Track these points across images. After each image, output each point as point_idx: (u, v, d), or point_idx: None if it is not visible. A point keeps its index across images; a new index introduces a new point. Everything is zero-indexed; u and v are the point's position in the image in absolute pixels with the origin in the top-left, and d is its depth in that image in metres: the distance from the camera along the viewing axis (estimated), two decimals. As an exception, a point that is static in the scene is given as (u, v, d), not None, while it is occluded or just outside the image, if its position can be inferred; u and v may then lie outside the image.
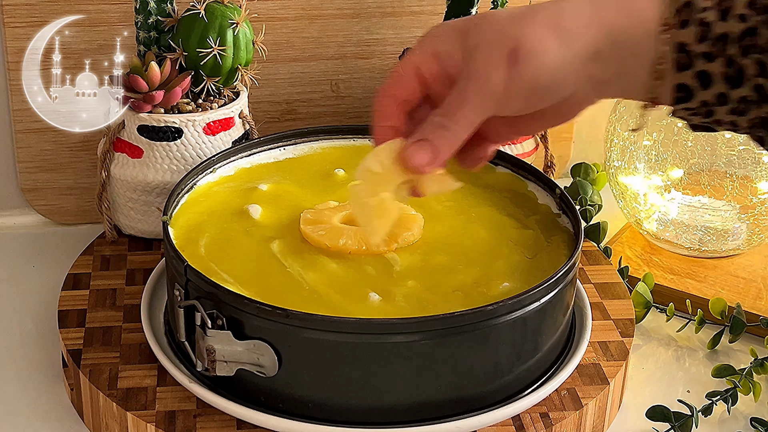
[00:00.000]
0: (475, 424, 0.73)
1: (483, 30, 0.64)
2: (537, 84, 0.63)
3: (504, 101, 0.64)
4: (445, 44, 0.66)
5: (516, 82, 0.63)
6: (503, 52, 0.63)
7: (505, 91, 0.63)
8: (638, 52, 0.62)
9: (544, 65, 0.63)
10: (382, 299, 0.75)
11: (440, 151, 0.66)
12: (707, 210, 0.99)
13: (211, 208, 0.85)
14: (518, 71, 0.62)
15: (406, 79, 0.67)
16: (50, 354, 0.86)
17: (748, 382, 0.84)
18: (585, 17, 0.63)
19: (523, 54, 0.62)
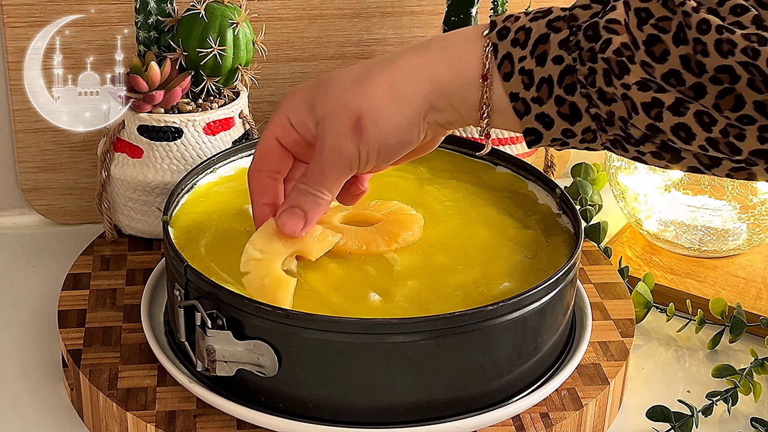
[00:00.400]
0: (475, 424, 0.73)
1: (327, 100, 0.69)
2: (385, 146, 0.68)
3: (360, 164, 0.69)
4: (297, 115, 0.71)
5: (366, 148, 0.68)
6: (348, 125, 0.68)
7: (359, 157, 0.69)
8: (466, 99, 0.67)
9: (387, 130, 0.68)
10: (382, 299, 0.75)
11: (310, 216, 0.73)
12: (707, 210, 0.99)
13: (211, 208, 0.85)
14: (365, 140, 0.68)
15: (271, 152, 0.73)
16: (50, 354, 0.86)
17: (748, 382, 0.84)
18: (416, 74, 0.68)
19: (365, 124, 0.68)
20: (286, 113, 0.72)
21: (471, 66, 0.67)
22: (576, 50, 0.64)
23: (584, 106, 0.64)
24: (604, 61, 0.62)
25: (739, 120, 0.59)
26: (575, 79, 0.64)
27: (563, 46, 0.64)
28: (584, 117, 0.65)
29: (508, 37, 0.66)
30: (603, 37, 0.62)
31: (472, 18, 1.00)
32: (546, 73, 0.65)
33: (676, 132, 0.61)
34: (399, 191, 0.88)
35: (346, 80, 0.69)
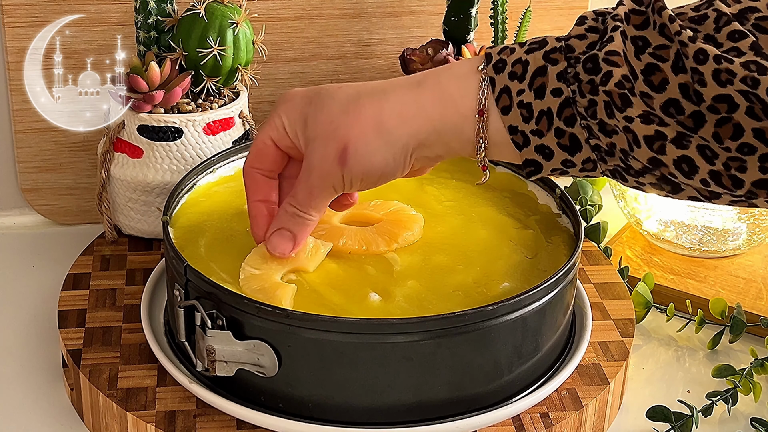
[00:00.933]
0: (475, 424, 0.73)
1: (318, 121, 0.70)
2: (368, 176, 0.69)
3: (345, 188, 0.71)
4: (291, 124, 0.72)
5: (348, 177, 0.70)
6: (334, 153, 0.69)
7: (343, 182, 0.70)
8: (460, 134, 0.67)
9: (371, 164, 0.69)
10: (382, 299, 0.75)
11: (299, 238, 0.75)
12: (707, 210, 0.99)
13: (211, 208, 0.85)
14: (349, 169, 0.69)
15: (266, 151, 0.74)
16: (50, 354, 0.86)
17: (749, 382, 0.83)
18: (405, 113, 0.68)
19: (350, 156, 0.68)
20: (282, 118, 0.72)
21: (466, 102, 0.67)
22: (575, 82, 0.63)
23: (584, 137, 0.64)
24: (606, 94, 0.62)
25: (740, 150, 0.59)
26: (575, 111, 0.64)
27: (562, 78, 0.64)
28: (584, 148, 0.65)
29: (505, 70, 0.66)
30: (603, 70, 0.62)
31: (471, 18, 1.00)
32: (545, 105, 0.64)
33: (678, 165, 0.61)
34: (399, 191, 0.88)
35: (337, 103, 0.70)
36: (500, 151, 0.68)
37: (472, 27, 1.01)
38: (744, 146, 0.58)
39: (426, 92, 0.68)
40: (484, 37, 1.04)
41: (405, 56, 1.00)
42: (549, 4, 1.10)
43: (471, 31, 1.01)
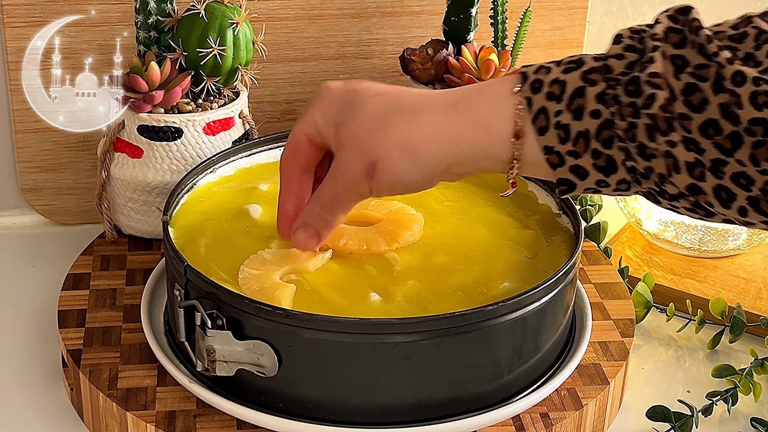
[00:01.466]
0: (475, 424, 0.73)
1: (348, 132, 0.70)
2: (395, 191, 0.70)
3: (372, 196, 0.71)
4: (324, 125, 0.72)
5: (376, 189, 0.70)
6: (362, 167, 0.69)
7: (370, 192, 0.71)
8: (492, 157, 0.67)
9: (398, 181, 0.69)
10: (383, 299, 0.75)
11: (323, 234, 0.75)
12: (707, 210, 0.99)
13: (211, 208, 0.85)
14: (377, 183, 0.69)
15: (301, 147, 0.74)
16: (50, 354, 0.86)
17: (748, 382, 0.83)
18: (438, 138, 0.68)
19: (378, 171, 0.69)
20: (316, 116, 0.72)
21: (501, 126, 0.66)
22: (615, 105, 0.63)
23: (621, 159, 0.64)
24: (649, 117, 0.61)
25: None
26: (613, 133, 0.63)
27: (600, 100, 0.63)
28: (620, 169, 0.64)
29: (542, 90, 0.65)
30: (646, 92, 0.61)
31: (471, 18, 1.00)
32: (583, 127, 0.64)
33: (717, 193, 0.61)
34: (399, 191, 0.88)
35: (368, 117, 0.69)
36: (533, 170, 0.67)
37: (472, 27, 1.01)
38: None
39: (458, 116, 0.67)
40: (484, 37, 1.04)
41: (405, 56, 1.00)
42: (549, 4, 1.10)
43: (471, 31, 1.01)
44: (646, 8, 1.15)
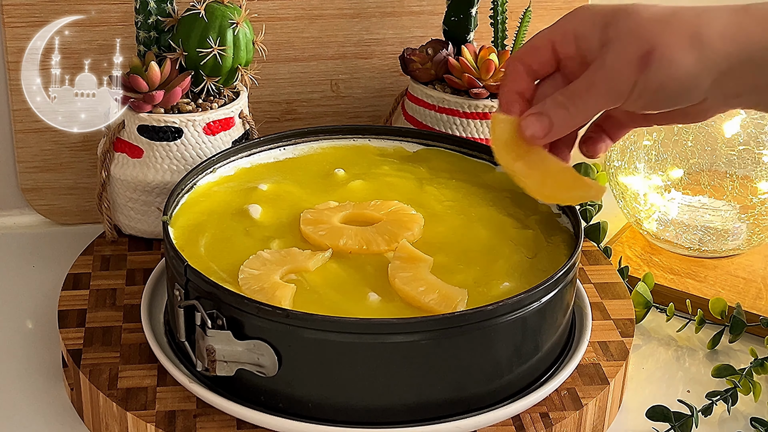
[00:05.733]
0: (475, 424, 0.73)
1: (623, 24, 0.65)
2: (663, 91, 0.64)
3: (628, 99, 0.65)
4: (585, 28, 0.67)
5: (642, 85, 0.64)
6: (637, 53, 0.64)
7: (631, 91, 0.65)
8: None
9: (673, 76, 0.64)
10: (382, 299, 0.75)
11: (555, 128, 0.69)
12: (707, 210, 0.99)
13: (211, 208, 0.85)
14: (646, 75, 0.64)
15: (541, 51, 0.70)
16: (50, 354, 0.86)
17: (748, 382, 0.84)
18: (727, 30, 0.64)
19: (655, 60, 0.64)
20: (573, 23, 0.68)
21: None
22: None
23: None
24: None
25: None
26: None
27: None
28: None
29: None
30: None
31: (471, 18, 1.00)
32: None
33: None
34: (399, 191, 0.88)
35: (649, 12, 0.66)
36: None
37: (472, 27, 1.01)
38: None
39: (751, 19, 0.64)
40: (484, 37, 1.04)
41: (405, 56, 1.00)
42: (549, 4, 1.10)
43: (471, 31, 1.01)
44: (646, 8, 1.15)
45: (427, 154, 0.94)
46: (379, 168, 0.91)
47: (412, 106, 1.01)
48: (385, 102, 1.09)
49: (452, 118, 0.98)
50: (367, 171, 0.91)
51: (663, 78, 0.64)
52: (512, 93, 0.72)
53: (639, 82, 0.64)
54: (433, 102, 0.99)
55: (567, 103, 0.68)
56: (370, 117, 1.10)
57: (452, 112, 0.98)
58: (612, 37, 0.66)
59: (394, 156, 0.93)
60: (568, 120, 0.68)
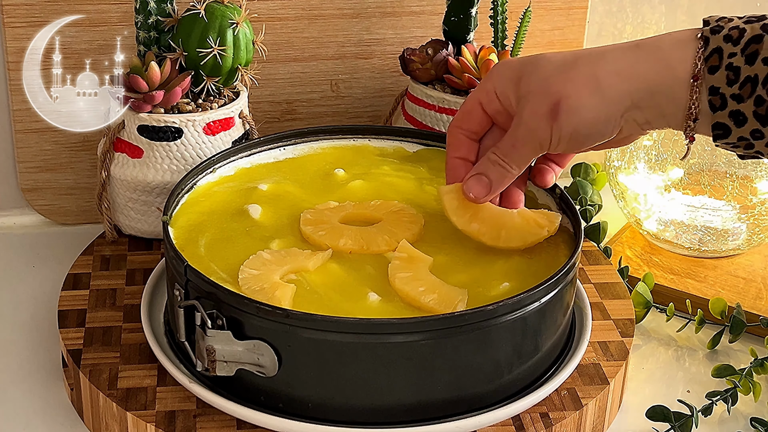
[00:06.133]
0: (475, 424, 0.73)
1: (533, 78, 0.72)
2: (577, 135, 0.70)
3: (551, 145, 0.72)
4: (503, 85, 0.74)
5: (558, 133, 0.71)
6: (546, 107, 0.70)
7: (551, 140, 0.71)
8: (674, 99, 0.68)
9: (582, 121, 0.70)
10: (382, 299, 0.75)
11: (494, 185, 0.76)
12: (707, 210, 0.99)
13: (211, 208, 0.85)
14: (559, 125, 0.70)
15: (473, 113, 0.77)
16: (50, 354, 0.86)
17: (748, 382, 0.84)
18: (623, 72, 0.69)
19: (562, 110, 0.70)
20: (492, 82, 0.75)
21: (683, 66, 0.68)
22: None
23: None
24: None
25: None
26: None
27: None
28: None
29: (721, 33, 0.67)
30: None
31: (471, 18, 1.00)
32: (753, 72, 0.66)
33: None
34: (399, 191, 0.88)
35: (552, 64, 0.71)
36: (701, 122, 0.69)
37: (472, 27, 1.01)
38: None
39: (644, 54, 0.69)
40: (484, 37, 1.04)
41: (405, 56, 1.00)
42: (549, 4, 1.10)
43: (471, 31, 1.01)
44: (645, 8, 1.16)
45: (427, 154, 0.94)
46: (379, 168, 0.91)
47: (412, 106, 1.01)
48: (385, 102, 1.09)
49: (452, 118, 0.98)
50: (367, 171, 0.91)
51: (574, 125, 0.70)
52: (455, 160, 0.79)
53: (554, 131, 0.70)
54: (433, 102, 0.99)
55: (500, 161, 0.75)
56: (370, 117, 1.10)
57: (452, 112, 0.98)
58: (524, 92, 0.72)
59: (394, 156, 0.93)
60: (504, 175, 0.76)
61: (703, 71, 0.67)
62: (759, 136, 0.67)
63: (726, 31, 0.67)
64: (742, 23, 0.68)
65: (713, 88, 0.67)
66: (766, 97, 0.66)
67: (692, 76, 0.68)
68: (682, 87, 0.68)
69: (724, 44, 0.67)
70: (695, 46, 0.68)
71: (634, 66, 0.69)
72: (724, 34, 0.67)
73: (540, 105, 0.71)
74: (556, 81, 0.70)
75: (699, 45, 0.68)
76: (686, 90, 0.68)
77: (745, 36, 0.67)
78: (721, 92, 0.67)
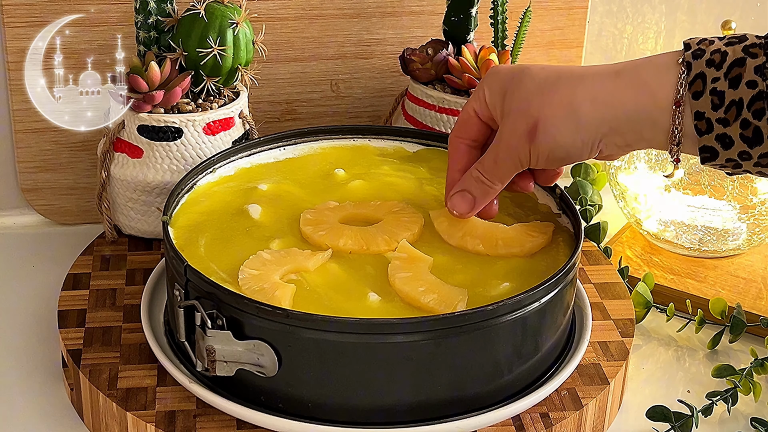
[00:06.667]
0: (475, 424, 0.73)
1: (516, 96, 0.73)
2: (554, 156, 0.72)
3: (531, 163, 0.73)
4: (492, 97, 0.75)
5: (535, 153, 0.72)
6: (524, 128, 0.72)
7: (529, 158, 0.73)
8: (654, 124, 0.69)
9: (558, 144, 0.71)
10: (382, 299, 0.75)
11: (478, 201, 0.77)
12: (707, 210, 0.99)
13: (211, 208, 0.85)
14: (536, 146, 0.71)
15: (469, 122, 0.78)
16: (50, 354, 0.86)
17: (748, 382, 0.84)
18: (599, 99, 0.70)
19: (539, 133, 0.71)
20: (485, 91, 0.76)
21: (663, 93, 0.68)
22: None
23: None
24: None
25: None
26: (765, 105, 0.65)
27: (759, 72, 0.66)
28: (765, 142, 0.66)
29: (703, 57, 0.67)
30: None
31: (471, 18, 1.00)
32: (737, 96, 0.66)
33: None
34: (399, 191, 0.88)
35: (535, 83, 0.72)
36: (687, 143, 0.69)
37: (472, 27, 1.01)
38: None
39: (623, 81, 0.70)
40: (484, 37, 1.04)
41: (405, 56, 1.00)
42: (549, 4, 1.10)
43: (471, 31, 1.01)
44: (646, 8, 1.15)
45: (427, 154, 0.93)
46: (379, 168, 0.91)
47: (412, 106, 1.01)
48: (385, 102, 1.09)
49: (452, 118, 0.98)
50: (367, 171, 0.91)
51: (550, 146, 0.71)
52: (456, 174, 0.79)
53: (532, 151, 0.72)
54: (433, 102, 0.99)
55: (482, 178, 0.76)
56: (370, 117, 1.10)
57: (452, 112, 0.98)
58: (506, 110, 0.73)
59: (394, 156, 0.93)
60: (487, 191, 0.77)
61: (686, 97, 0.68)
62: (747, 157, 0.67)
63: (708, 56, 0.67)
64: (723, 45, 0.68)
65: (698, 113, 0.67)
66: (752, 120, 0.66)
67: (674, 102, 0.68)
68: (662, 113, 0.68)
69: (707, 69, 0.67)
70: (677, 72, 0.68)
71: (612, 93, 0.69)
72: (707, 59, 0.67)
73: (519, 125, 0.72)
74: (535, 102, 0.71)
75: (681, 70, 0.68)
76: (667, 116, 0.68)
77: (728, 59, 0.67)
78: (707, 117, 0.67)
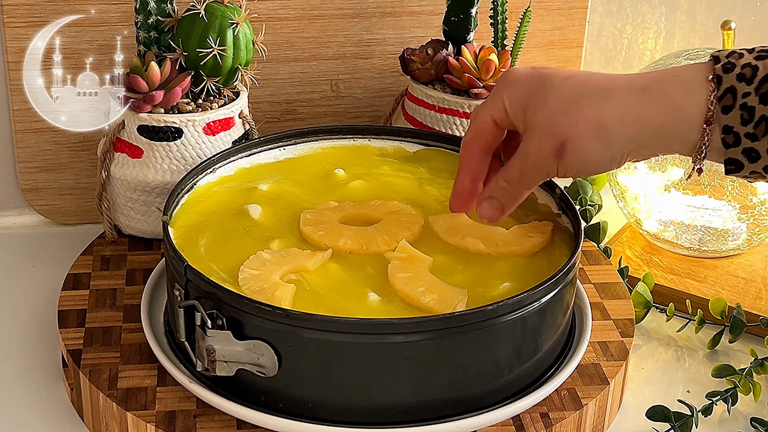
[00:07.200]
0: (475, 424, 0.73)
1: (538, 114, 0.72)
2: (583, 171, 0.72)
3: (559, 176, 0.73)
4: (512, 106, 0.74)
5: (564, 169, 0.72)
6: (552, 147, 0.71)
7: (557, 172, 0.72)
8: (683, 139, 0.69)
9: (587, 162, 0.71)
10: (382, 299, 0.75)
11: (507, 207, 0.77)
12: (707, 210, 0.99)
13: (211, 208, 0.85)
14: (564, 164, 0.71)
15: (486, 129, 0.77)
16: (50, 354, 0.86)
17: (748, 382, 0.84)
18: (628, 118, 0.69)
19: (568, 152, 0.70)
20: (504, 100, 0.74)
21: (693, 110, 0.68)
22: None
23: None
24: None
25: None
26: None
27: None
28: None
29: (734, 71, 0.67)
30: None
31: (471, 18, 1.00)
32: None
33: None
34: (399, 191, 0.88)
35: (558, 100, 0.71)
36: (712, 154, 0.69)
37: (472, 27, 1.01)
38: None
39: (650, 98, 0.69)
40: (484, 37, 1.04)
41: (405, 56, 1.01)
42: (549, 4, 1.10)
43: (471, 31, 1.01)
44: (646, 8, 1.16)
45: (427, 154, 0.94)
46: (379, 168, 0.91)
47: (412, 106, 1.01)
48: (385, 102, 1.09)
49: (452, 118, 0.98)
50: (367, 171, 0.91)
51: (579, 164, 0.71)
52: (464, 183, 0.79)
53: (560, 167, 0.72)
54: (433, 102, 0.99)
55: (509, 188, 0.76)
56: (370, 117, 1.10)
57: (452, 112, 0.98)
58: (530, 123, 0.72)
59: (394, 156, 0.94)
60: (515, 198, 0.76)
61: (716, 112, 0.67)
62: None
63: (739, 70, 0.67)
64: (753, 59, 0.67)
65: (727, 127, 0.67)
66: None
67: (705, 120, 0.68)
68: (692, 130, 0.68)
69: (738, 84, 0.67)
70: (707, 89, 0.68)
71: (640, 111, 0.69)
72: (737, 73, 0.67)
73: (545, 144, 0.71)
74: (561, 122, 0.70)
75: (711, 87, 0.67)
76: (697, 132, 0.68)
77: (759, 74, 0.66)
78: (735, 131, 0.67)
